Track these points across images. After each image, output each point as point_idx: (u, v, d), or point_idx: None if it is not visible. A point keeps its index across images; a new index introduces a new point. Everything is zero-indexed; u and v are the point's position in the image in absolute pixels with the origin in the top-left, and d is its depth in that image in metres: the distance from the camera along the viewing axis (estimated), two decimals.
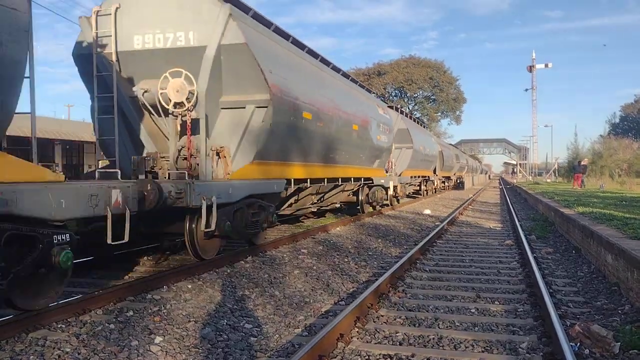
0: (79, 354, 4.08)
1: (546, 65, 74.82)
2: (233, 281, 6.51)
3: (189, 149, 7.07)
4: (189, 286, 6.09)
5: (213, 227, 6.72)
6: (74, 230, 5.12)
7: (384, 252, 9.75)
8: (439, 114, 64.14)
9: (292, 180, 9.34)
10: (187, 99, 6.96)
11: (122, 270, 7.12)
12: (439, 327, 5.02)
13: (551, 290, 6.39)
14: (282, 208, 10.43)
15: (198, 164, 7.25)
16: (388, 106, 20.21)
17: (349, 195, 14.91)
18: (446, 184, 39.38)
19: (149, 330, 4.65)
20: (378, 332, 4.86)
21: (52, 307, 4.86)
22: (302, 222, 13.75)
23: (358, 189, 14.88)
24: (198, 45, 7.49)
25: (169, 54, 7.56)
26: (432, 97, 62.13)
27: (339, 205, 15.15)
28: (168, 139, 7.71)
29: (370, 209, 16.03)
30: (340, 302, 6.07)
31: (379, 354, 4.29)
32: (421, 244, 9.61)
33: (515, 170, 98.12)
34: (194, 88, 7.10)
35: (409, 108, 58.53)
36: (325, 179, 11.25)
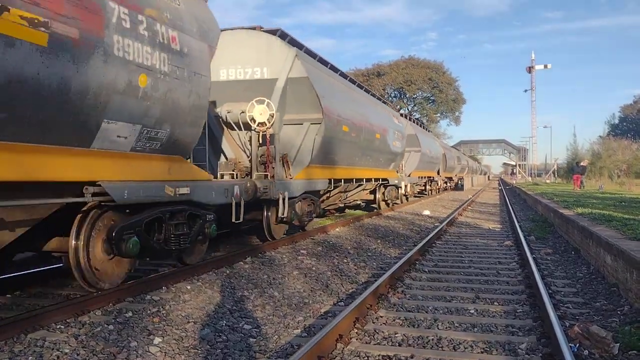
0: (77, 354, 4.08)
1: (545, 66, 75.08)
2: (232, 282, 6.51)
3: (268, 156, 8.87)
4: (188, 287, 6.09)
5: (285, 214, 8.87)
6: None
7: (383, 253, 9.76)
8: (438, 114, 64.11)
9: (332, 180, 11.43)
10: (267, 119, 8.74)
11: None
12: (438, 328, 5.02)
13: (550, 291, 6.39)
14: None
15: (274, 167, 8.97)
16: (400, 114, 22.50)
17: (367, 193, 16.97)
18: (448, 184, 40.35)
19: (148, 331, 4.64)
20: (377, 333, 4.86)
21: (51, 307, 4.86)
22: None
23: (375, 188, 17.07)
24: (270, 77, 9.75)
25: (248, 84, 9.77)
26: (431, 98, 62.08)
27: (359, 201, 17.28)
28: (242, 149, 9.75)
29: (385, 205, 18.09)
30: (339, 303, 6.07)
31: (378, 355, 4.29)
32: (420, 244, 9.61)
33: (514, 171, 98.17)
34: (273, 112, 8.83)
35: (408, 109, 58.54)
36: (354, 179, 13.35)
